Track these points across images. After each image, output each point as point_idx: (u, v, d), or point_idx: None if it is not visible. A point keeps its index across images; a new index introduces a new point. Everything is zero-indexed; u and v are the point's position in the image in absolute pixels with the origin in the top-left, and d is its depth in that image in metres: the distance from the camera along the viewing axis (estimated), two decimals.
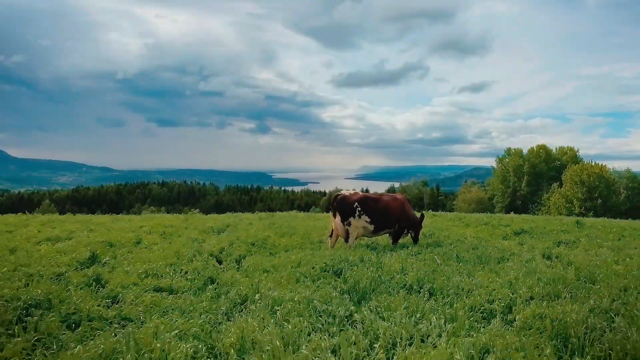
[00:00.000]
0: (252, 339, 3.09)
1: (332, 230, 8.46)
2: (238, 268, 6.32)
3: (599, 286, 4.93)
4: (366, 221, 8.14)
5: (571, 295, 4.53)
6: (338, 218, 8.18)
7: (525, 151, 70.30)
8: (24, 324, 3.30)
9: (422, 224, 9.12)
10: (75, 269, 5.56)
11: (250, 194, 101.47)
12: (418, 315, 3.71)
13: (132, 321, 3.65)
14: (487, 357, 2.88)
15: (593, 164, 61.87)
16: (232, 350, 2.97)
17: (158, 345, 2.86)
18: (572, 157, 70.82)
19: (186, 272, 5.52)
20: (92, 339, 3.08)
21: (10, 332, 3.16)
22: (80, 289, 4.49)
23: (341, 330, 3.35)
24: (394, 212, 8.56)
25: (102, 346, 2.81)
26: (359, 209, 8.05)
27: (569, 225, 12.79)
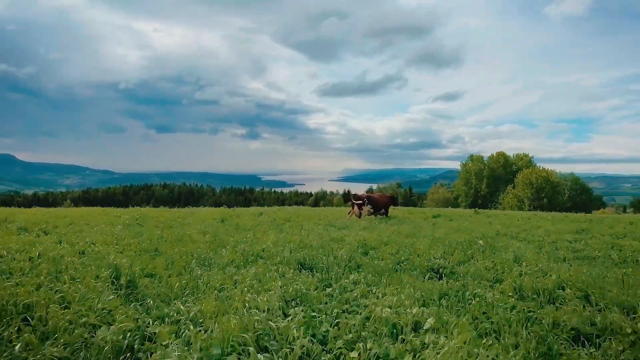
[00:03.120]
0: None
1: (350, 211, 15.94)
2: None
3: (439, 227, 12.42)
4: (369, 207, 15.69)
5: (420, 232, 11.92)
6: (356, 207, 15.67)
7: (486, 157, 77.69)
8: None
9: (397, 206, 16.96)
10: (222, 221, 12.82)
11: (245, 195, 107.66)
12: (364, 232, 11.04)
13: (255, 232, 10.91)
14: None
15: (541, 168, 69.28)
16: (299, 242, 10.18)
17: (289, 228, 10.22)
18: (527, 162, 78.04)
19: (273, 220, 12.84)
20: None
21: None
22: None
23: (342, 230, 10.73)
24: (382, 203, 16.36)
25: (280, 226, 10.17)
26: (366, 201, 15.61)
27: (469, 213, 20.46)
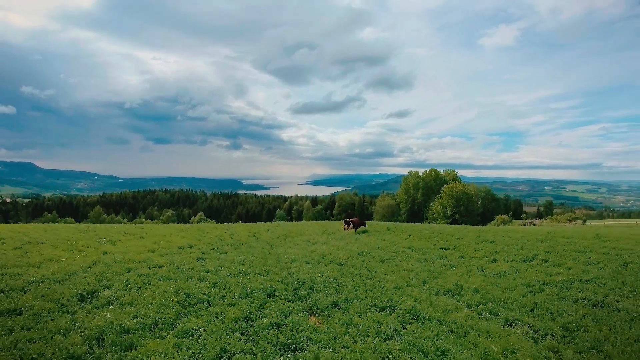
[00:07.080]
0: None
1: (345, 227, 28.66)
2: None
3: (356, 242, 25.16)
4: (352, 226, 28.57)
5: (347, 246, 24.51)
6: (345, 225, 28.54)
7: (421, 172, 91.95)
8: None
9: (366, 223, 30.37)
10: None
11: (232, 199, 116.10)
12: (324, 246, 23.50)
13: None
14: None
15: (458, 183, 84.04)
16: (302, 254, 22.43)
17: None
18: (453, 177, 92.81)
19: (278, 237, 25.21)
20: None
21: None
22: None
23: (314, 245, 23.21)
24: (357, 224, 29.10)
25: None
26: (350, 222, 28.60)
27: (382, 227, 33.53)
